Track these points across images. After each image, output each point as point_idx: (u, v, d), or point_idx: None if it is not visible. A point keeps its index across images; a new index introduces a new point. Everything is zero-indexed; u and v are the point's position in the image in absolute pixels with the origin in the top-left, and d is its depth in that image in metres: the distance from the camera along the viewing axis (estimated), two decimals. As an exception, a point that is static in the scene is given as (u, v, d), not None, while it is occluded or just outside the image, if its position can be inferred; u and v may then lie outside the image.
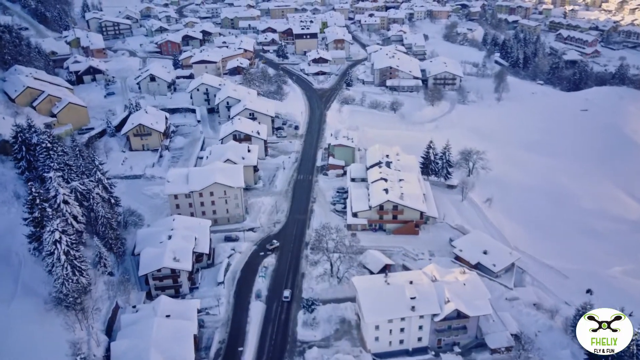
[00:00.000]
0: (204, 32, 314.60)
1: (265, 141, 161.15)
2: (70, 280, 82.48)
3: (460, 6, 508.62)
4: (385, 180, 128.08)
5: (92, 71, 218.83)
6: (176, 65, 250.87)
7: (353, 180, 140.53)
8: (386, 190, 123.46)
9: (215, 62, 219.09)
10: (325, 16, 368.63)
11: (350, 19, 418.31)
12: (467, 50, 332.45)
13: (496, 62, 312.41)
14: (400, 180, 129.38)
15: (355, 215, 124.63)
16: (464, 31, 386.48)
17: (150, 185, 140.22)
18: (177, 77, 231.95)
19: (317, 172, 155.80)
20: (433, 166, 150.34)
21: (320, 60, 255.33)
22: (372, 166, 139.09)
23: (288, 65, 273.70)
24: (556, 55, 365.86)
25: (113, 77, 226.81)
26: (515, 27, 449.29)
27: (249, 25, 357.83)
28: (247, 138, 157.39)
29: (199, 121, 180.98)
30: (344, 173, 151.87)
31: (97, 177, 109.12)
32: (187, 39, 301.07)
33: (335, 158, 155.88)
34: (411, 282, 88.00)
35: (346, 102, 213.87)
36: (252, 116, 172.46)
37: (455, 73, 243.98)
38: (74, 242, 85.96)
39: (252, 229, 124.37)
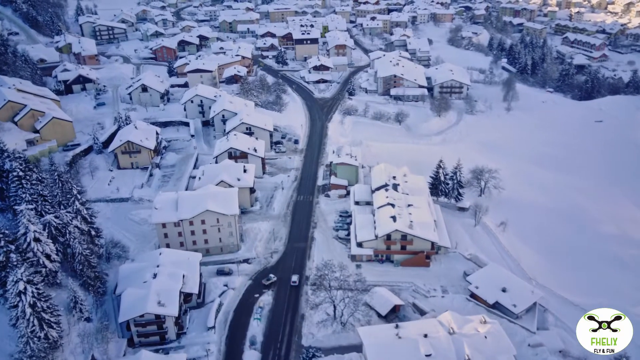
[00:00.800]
0: (201, 37, 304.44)
1: (262, 159, 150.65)
2: (36, 338, 72.00)
3: (464, 8, 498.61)
4: (393, 205, 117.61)
5: (82, 80, 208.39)
6: (171, 72, 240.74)
7: (357, 203, 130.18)
8: (394, 218, 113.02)
9: (210, 72, 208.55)
10: (326, 19, 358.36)
11: (351, 22, 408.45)
12: (473, 55, 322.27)
13: (503, 68, 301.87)
14: (409, 205, 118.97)
15: (360, 245, 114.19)
16: (468, 35, 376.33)
17: (137, 209, 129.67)
18: (172, 86, 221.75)
19: (318, 192, 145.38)
20: (443, 187, 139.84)
21: (321, 68, 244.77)
22: (377, 189, 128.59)
23: (287, 72, 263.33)
24: (563, 59, 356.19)
25: (104, 86, 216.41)
26: (520, 30, 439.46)
27: (248, 29, 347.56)
28: (244, 156, 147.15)
29: (192, 135, 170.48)
30: (347, 193, 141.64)
31: (75, 207, 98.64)
32: (183, 44, 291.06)
33: (337, 177, 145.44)
34: (426, 336, 77.52)
35: (348, 113, 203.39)
36: (249, 130, 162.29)
37: (462, 81, 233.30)
38: (41, 292, 75.43)
39: (247, 260, 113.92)
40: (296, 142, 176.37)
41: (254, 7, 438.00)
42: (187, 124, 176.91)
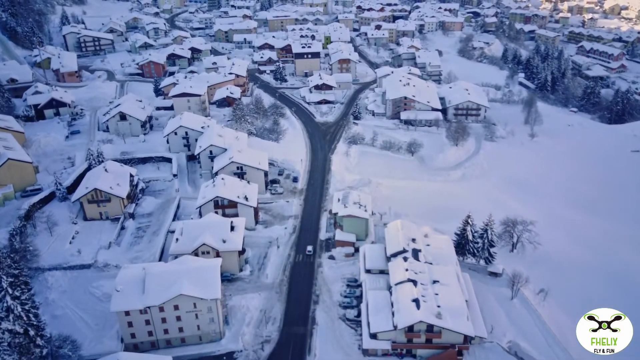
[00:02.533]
0: (193, 50, 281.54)
1: (255, 208, 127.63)
2: None
3: (472, 14, 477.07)
4: (415, 283, 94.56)
5: (55, 104, 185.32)
6: (157, 91, 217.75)
7: (368, 271, 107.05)
8: (417, 303, 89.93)
9: (199, 95, 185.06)
10: (328, 29, 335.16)
11: (355, 29, 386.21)
12: (487, 69, 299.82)
13: (520, 83, 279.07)
14: (434, 281, 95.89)
15: (374, 336, 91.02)
16: (480, 45, 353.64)
17: (101, 279, 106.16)
18: (157, 108, 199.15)
19: (321, 249, 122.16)
20: (471, 247, 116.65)
21: (323, 87, 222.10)
22: (394, 255, 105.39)
23: (286, 89, 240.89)
24: (579, 70, 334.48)
25: (81, 109, 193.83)
26: (532, 38, 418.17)
27: (245, 39, 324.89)
28: (232, 205, 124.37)
29: (175, 175, 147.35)
30: (356, 251, 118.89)
31: (5, 304, 75.70)
32: (173, 58, 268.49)
33: (343, 231, 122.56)
34: None
35: (354, 141, 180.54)
36: (241, 170, 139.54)
37: (480, 102, 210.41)
38: None
39: (231, 355, 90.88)
40: (295, 180, 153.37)
41: (251, 14, 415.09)
42: (169, 160, 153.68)
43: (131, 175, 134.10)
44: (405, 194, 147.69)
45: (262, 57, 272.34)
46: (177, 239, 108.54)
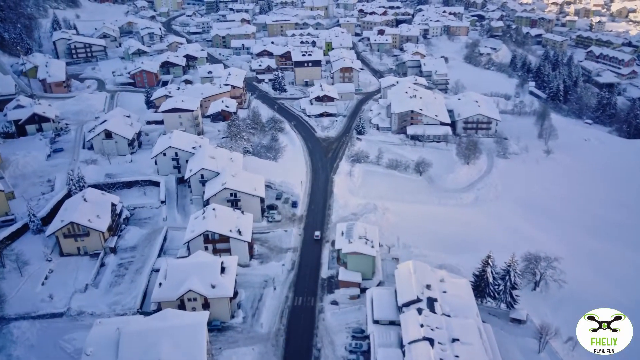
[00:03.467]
0: (188, 57, 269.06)
1: (250, 243, 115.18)
2: None
3: (477, 17, 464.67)
4: (432, 342, 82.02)
5: (37, 119, 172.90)
6: (149, 104, 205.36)
7: (377, 322, 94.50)
8: (434, 368, 77.57)
9: (192, 111, 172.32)
10: (329, 34, 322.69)
11: (357, 34, 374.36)
12: (495, 77, 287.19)
13: (531, 92, 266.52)
14: (453, 340, 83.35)
15: (385, 407, 78.79)
16: (487, 51, 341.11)
17: (74, 331, 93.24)
18: (148, 122, 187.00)
19: (323, 290, 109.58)
20: (491, 289, 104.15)
21: (324, 99, 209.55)
22: (406, 304, 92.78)
23: (286, 100, 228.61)
24: (589, 76, 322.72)
25: (67, 124, 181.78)
26: (539, 42, 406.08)
27: (243, 45, 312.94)
28: (224, 239, 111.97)
29: (163, 201, 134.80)
30: (362, 292, 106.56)
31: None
32: (167, 66, 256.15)
33: (348, 269, 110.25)
34: None
35: (358, 159, 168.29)
36: (235, 197, 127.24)
37: (491, 116, 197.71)
38: None
39: None
40: (294, 205, 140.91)
41: (250, 17, 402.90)
42: (157, 184, 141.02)
43: (113, 205, 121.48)
44: (414, 221, 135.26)
45: (260, 65, 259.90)
46: (160, 284, 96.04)
